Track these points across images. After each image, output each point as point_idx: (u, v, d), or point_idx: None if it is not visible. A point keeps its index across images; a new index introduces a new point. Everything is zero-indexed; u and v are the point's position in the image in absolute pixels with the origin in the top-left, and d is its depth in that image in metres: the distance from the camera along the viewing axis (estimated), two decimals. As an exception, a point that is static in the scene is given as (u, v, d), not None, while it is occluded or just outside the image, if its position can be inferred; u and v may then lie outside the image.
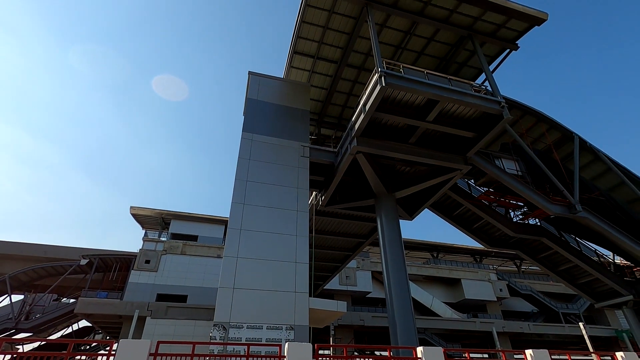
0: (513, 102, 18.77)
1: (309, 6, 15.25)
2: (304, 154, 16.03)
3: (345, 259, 25.69)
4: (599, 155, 19.83)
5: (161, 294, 28.35)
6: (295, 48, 17.31)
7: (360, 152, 14.74)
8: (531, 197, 17.20)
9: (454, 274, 40.27)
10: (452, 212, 21.12)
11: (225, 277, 11.93)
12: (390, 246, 15.38)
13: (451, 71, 18.39)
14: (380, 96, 12.85)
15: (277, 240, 13.27)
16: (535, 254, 21.51)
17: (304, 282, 12.66)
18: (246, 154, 15.12)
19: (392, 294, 14.51)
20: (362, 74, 18.67)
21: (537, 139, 20.86)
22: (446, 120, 14.51)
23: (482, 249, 44.42)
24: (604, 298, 20.74)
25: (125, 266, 30.33)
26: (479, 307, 40.48)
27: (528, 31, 16.36)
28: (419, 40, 17.20)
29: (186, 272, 30.08)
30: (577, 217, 17.35)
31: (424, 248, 45.05)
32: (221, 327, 10.90)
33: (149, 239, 31.23)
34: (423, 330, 32.29)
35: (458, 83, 13.93)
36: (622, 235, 17.93)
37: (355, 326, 31.23)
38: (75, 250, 33.51)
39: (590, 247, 21.22)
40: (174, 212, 35.13)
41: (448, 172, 16.02)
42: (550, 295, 43.99)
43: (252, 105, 16.88)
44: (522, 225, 19.90)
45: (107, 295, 27.23)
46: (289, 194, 14.61)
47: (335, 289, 33.90)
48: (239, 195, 13.87)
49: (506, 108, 13.99)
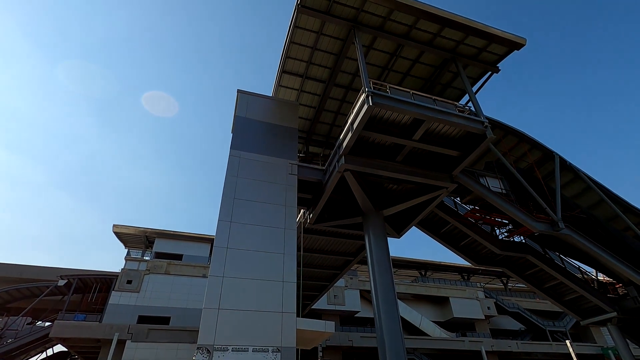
0: (496, 122, 19.34)
1: (298, 28, 15.62)
2: (292, 172, 16.04)
3: (333, 278, 25.41)
4: (579, 174, 20.46)
5: (143, 315, 27.33)
6: (284, 67, 17.59)
7: (348, 170, 14.84)
8: (516, 214, 17.52)
9: (442, 292, 40.18)
10: (439, 230, 21.28)
11: (210, 297, 11.61)
12: (379, 264, 15.34)
13: (436, 92, 18.91)
14: (367, 115, 13.07)
15: (264, 259, 13.06)
16: (522, 272, 21.73)
17: (291, 302, 12.41)
18: (234, 172, 15.03)
19: (380, 313, 14.36)
20: (349, 93, 19.03)
21: (519, 157, 21.44)
22: (432, 139, 14.81)
23: (470, 267, 44.65)
24: (589, 315, 20.96)
25: (106, 287, 29.27)
26: (467, 326, 40.30)
27: (508, 55, 17.06)
28: (404, 61, 17.73)
29: (170, 292, 29.19)
30: (560, 234, 17.70)
31: (412, 266, 45.01)
32: (205, 350, 10.53)
33: (132, 258, 30.35)
34: (412, 351, 31.84)
35: (443, 103, 14.32)
36: (603, 252, 18.31)
37: (344, 347, 30.60)
38: (53, 270, 32.21)
39: (574, 265, 21.60)
40: (158, 230, 34.36)
41: (435, 189, 16.24)
42: (537, 312, 44.20)
43: (241, 123, 16.93)
44: (508, 242, 20.17)
45: (86, 318, 26.11)
46: (276, 212, 14.50)
47: (323, 309, 33.34)
48: (226, 212, 13.70)
49: (489, 128, 14.39)
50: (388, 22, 15.57)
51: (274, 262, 13.18)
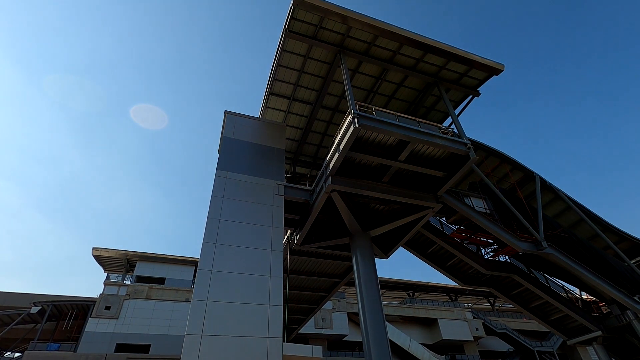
0: (478, 144, 19.89)
1: (285, 51, 15.98)
2: (279, 192, 15.98)
3: (320, 300, 24.94)
4: (558, 194, 21.04)
5: (121, 343, 26.08)
6: (272, 89, 17.84)
7: (335, 191, 14.88)
8: (500, 234, 17.76)
9: (431, 314, 39.83)
10: (426, 250, 21.33)
11: (193, 322, 11.19)
12: (366, 285, 15.19)
13: (420, 114, 19.43)
14: (353, 136, 13.27)
15: (249, 282, 12.76)
16: (508, 291, 21.83)
17: (277, 326, 12.07)
18: (220, 192, 14.88)
19: (369, 337, 14.10)
20: (336, 115, 19.35)
21: (502, 178, 21.96)
22: (417, 160, 15.09)
23: (457, 287, 44.61)
24: (574, 334, 21.05)
25: (82, 313, 27.94)
26: (456, 348, 39.82)
27: (488, 79, 17.79)
28: (389, 85, 18.25)
29: (150, 318, 28.03)
30: (544, 253, 17.97)
31: (399, 287, 44.68)
32: (187, 379, 10.03)
33: (111, 283, 29.21)
34: (401, 375, 31.12)
35: (427, 125, 14.69)
36: (586, 270, 18.62)
37: (331, 373, 29.72)
38: (26, 296, 30.60)
39: (558, 284, 21.84)
40: (140, 252, 33.33)
41: (420, 210, 16.39)
42: (525, 332, 44.13)
43: (228, 143, 16.91)
44: (493, 262, 20.33)
45: (59, 347, 24.70)
46: (263, 233, 14.31)
47: (310, 333, 32.51)
48: (211, 234, 13.44)
49: (472, 149, 14.78)
50: (373, 48, 16.11)
51: (259, 284, 12.89)
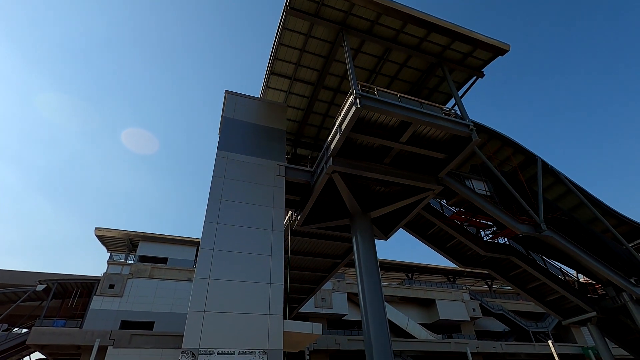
0: (481, 126, 19.72)
1: (286, 29, 15.64)
2: (280, 173, 15.97)
3: (320, 280, 25.34)
4: (560, 177, 21.02)
5: (125, 321, 26.66)
6: (273, 69, 17.56)
7: (336, 172, 14.87)
8: (500, 216, 17.85)
9: (429, 295, 40.52)
10: (426, 232, 21.50)
11: (195, 299, 11.41)
12: (366, 266, 15.38)
13: (423, 95, 19.19)
14: (355, 117, 13.15)
15: (251, 261, 12.93)
16: (506, 273, 22.12)
17: (278, 304, 12.30)
18: (221, 173, 14.87)
19: (368, 316, 14.37)
20: (338, 95, 19.12)
21: (503, 161, 21.89)
22: (419, 142, 15.00)
23: (456, 269, 45.21)
24: (570, 315, 21.45)
25: (87, 292, 28.46)
26: (453, 328, 40.71)
27: (493, 60, 17.45)
28: (392, 65, 17.93)
29: (154, 297, 28.56)
30: (543, 236, 18.10)
31: (399, 269, 45.26)
32: (190, 353, 10.32)
33: (115, 262, 29.62)
34: (399, 353, 31.97)
35: (429, 106, 14.53)
36: (583, 253, 18.81)
37: (331, 350, 30.50)
38: (31, 275, 31.18)
39: (555, 266, 22.10)
40: (142, 233, 33.66)
41: (421, 192, 16.42)
42: (521, 314, 45.00)
43: (228, 124, 16.79)
44: (492, 244, 20.52)
45: (65, 324, 25.28)
46: (264, 213, 14.40)
47: (310, 312, 33.18)
48: (212, 214, 13.52)
49: (474, 131, 14.67)
50: (376, 26, 15.75)
51: (260, 264, 13.06)
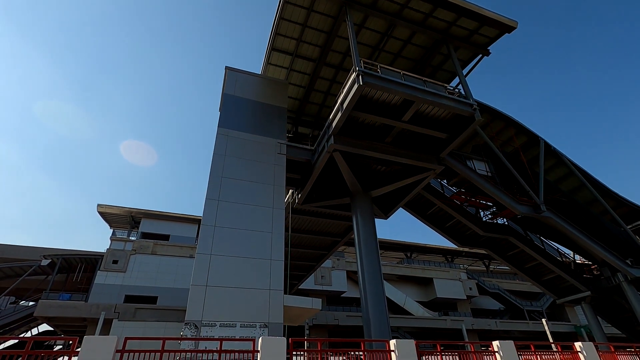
0: (484, 106, 19.47)
1: (288, 3, 15.20)
2: (281, 151, 15.92)
3: (320, 258, 25.72)
4: (562, 159, 20.93)
5: (129, 295, 27.26)
6: (274, 45, 17.19)
7: (337, 150, 14.81)
8: (500, 197, 17.90)
9: (427, 274, 41.19)
10: (426, 211, 21.63)
11: (197, 274, 11.63)
12: (366, 243, 15.56)
13: (426, 74, 18.83)
14: (357, 95, 12.98)
15: (252, 238, 13.09)
16: (503, 253, 22.40)
17: (278, 280, 12.54)
18: (221, 150, 14.83)
19: (366, 293, 14.65)
20: (340, 73, 18.79)
21: (506, 141, 21.74)
22: (421, 121, 14.85)
23: (454, 249, 45.76)
24: (564, 294, 21.87)
25: (91, 267, 28.96)
26: (449, 306, 41.61)
27: (499, 38, 17.02)
28: (396, 42, 17.52)
29: (157, 272, 29.08)
30: (542, 216, 18.21)
31: (398, 248, 45.82)
32: (193, 325, 10.61)
33: (118, 239, 30.01)
34: (396, 329, 32.80)
35: (433, 85, 14.30)
36: (582, 234, 18.97)
37: (329, 326, 31.30)
38: (35, 250, 31.64)
39: (553, 246, 22.35)
40: (144, 210, 33.91)
41: (422, 171, 16.40)
42: (516, 293, 45.86)
43: (229, 100, 16.60)
44: (491, 224, 20.68)
45: (71, 297, 25.88)
46: (265, 191, 14.45)
47: (310, 289, 33.84)
48: (214, 191, 13.58)
49: (478, 111, 14.49)
50: (380, 0, 15.29)
51: (261, 240, 13.22)
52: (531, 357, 8.83)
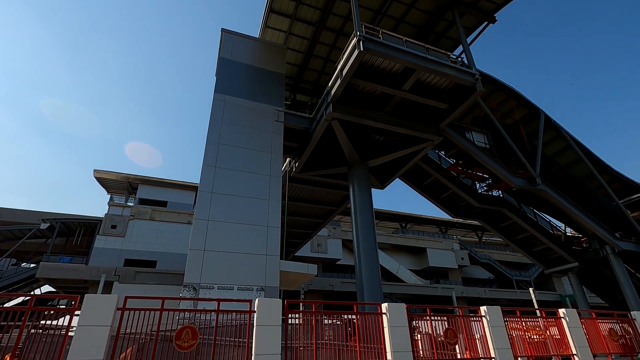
0: (487, 76, 19.09)
1: (288, -40, 14.43)
2: (279, 119, 15.72)
3: (317, 227, 26.12)
4: (561, 132, 20.85)
5: (129, 259, 27.83)
6: (272, 6, 16.50)
7: (335, 119, 14.63)
8: (497, 169, 17.97)
9: (420, 243, 42.14)
10: (422, 182, 21.76)
11: (195, 239, 11.82)
12: (362, 213, 15.75)
13: (429, 41, 18.28)
14: (357, 61, 12.63)
15: (249, 204, 13.20)
16: (496, 224, 22.81)
17: (275, 246, 12.79)
18: (218, 116, 14.61)
19: (361, 260, 15.00)
20: (340, 38, 18.18)
21: (506, 113, 21.53)
22: (421, 90, 14.59)
23: (448, 220, 46.54)
24: (553, 265, 22.54)
25: (90, 231, 29.33)
26: (441, 274, 42.93)
27: (507, 4, 16.39)
28: (399, 6, 16.85)
29: (155, 238, 29.52)
30: (536, 189, 18.39)
31: (393, 218, 46.52)
32: (191, 287, 10.92)
33: (115, 204, 30.19)
34: (389, 295, 33.96)
35: (435, 53, 13.91)
36: (574, 207, 19.27)
37: (324, 291, 32.34)
38: (34, 214, 31.87)
39: (545, 219, 22.77)
40: (141, 176, 33.90)
41: (420, 142, 16.32)
42: (506, 264, 47.24)
43: (225, 65, 16.15)
44: (486, 196, 20.91)
45: (71, 260, 26.41)
46: (262, 159, 14.41)
47: (306, 256, 34.63)
48: (211, 157, 13.52)
49: (480, 81, 14.22)
50: (385, -40, 14.53)
51: (258, 207, 13.35)
52: (517, 321, 9.21)
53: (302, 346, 6.97)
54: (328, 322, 8.19)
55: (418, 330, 8.17)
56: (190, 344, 5.87)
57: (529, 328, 9.34)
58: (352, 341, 7.53)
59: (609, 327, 10.18)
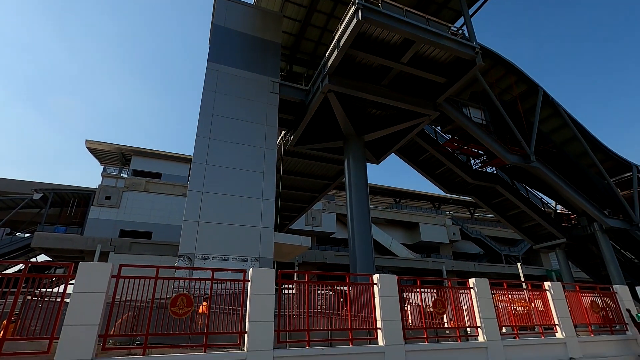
0: (487, 50, 18.71)
1: None
2: (274, 90, 15.39)
3: (311, 200, 26.28)
4: (558, 109, 20.75)
5: (124, 230, 27.98)
6: (268, -30, 15.76)
7: (332, 91, 14.37)
8: (492, 146, 17.98)
9: (413, 219, 42.78)
10: (417, 158, 21.78)
11: (190, 210, 11.85)
12: (356, 187, 15.81)
13: (430, 12, 17.70)
14: (356, 31, 12.25)
15: (243, 177, 13.16)
16: (489, 200, 23.12)
17: (269, 218, 12.88)
18: (212, 86, 14.26)
19: (354, 234, 15.21)
20: (338, 7, 17.54)
21: (504, 90, 21.30)
22: (420, 63, 14.28)
23: (442, 196, 47.03)
24: (542, 240, 23.10)
25: (84, 202, 29.26)
26: (432, 249, 43.91)
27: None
28: (400, -27, 16.14)
29: (150, 209, 29.58)
30: (530, 167, 18.52)
31: (387, 193, 46.90)
32: (186, 258, 11.06)
33: (109, 175, 30.01)
34: (381, 268, 34.78)
35: (436, 24, 13.51)
36: (566, 185, 19.51)
37: (318, 263, 33.04)
38: (26, 184, 31.57)
39: (537, 196, 23.09)
40: (135, 147, 33.48)
41: (417, 117, 16.17)
42: (497, 239, 48.33)
43: (219, 32, 15.58)
44: (480, 172, 21.05)
45: (66, 231, 26.49)
46: (256, 131, 14.22)
47: (300, 229, 35.03)
48: (204, 129, 13.31)
49: (480, 55, 13.92)
50: None
51: (253, 180, 13.32)
52: (503, 294, 9.51)
53: (295, 314, 7.16)
54: (321, 292, 8.39)
55: (408, 302, 8.41)
56: (185, 310, 5.99)
57: (514, 300, 9.65)
58: (344, 311, 7.75)
59: (591, 300, 10.55)
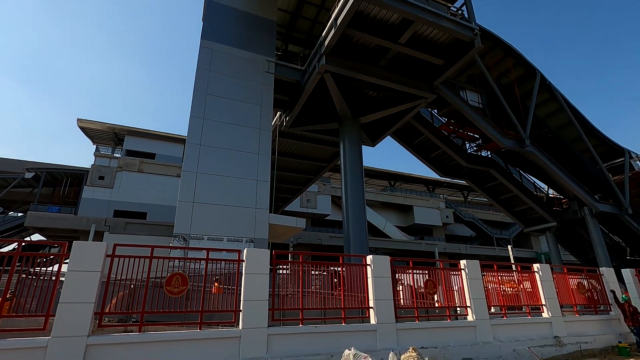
0: (486, 32, 18.43)
1: None
2: (269, 70, 15.12)
3: (306, 182, 26.31)
4: (555, 94, 20.68)
5: (118, 210, 27.90)
6: (263, -57, 15.19)
7: (328, 72, 14.14)
8: (487, 129, 17.98)
9: (408, 201, 43.16)
10: (413, 141, 21.76)
11: (184, 191, 11.81)
12: (351, 169, 15.82)
13: (430, -9, 17.28)
14: (353, 9, 11.96)
15: (238, 158, 13.08)
16: (482, 184, 23.32)
17: (264, 199, 12.90)
18: (206, 65, 13.96)
19: (349, 216, 15.32)
20: (336, -16, 17.04)
21: (503, 73, 21.11)
22: (418, 44, 14.06)
23: (436, 179, 47.32)
24: (533, 224, 23.48)
25: (77, 181, 29.00)
26: (426, 231, 44.52)
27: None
28: (400, -51, 15.64)
29: (145, 190, 29.44)
30: (525, 151, 18.61)
31: (382, 176, 47.05)
32: (181, 238, 11.10)
33: (102, 155, 29.68)
34: (374, 250, 35.29)
35: (435, 4, 13.23)
36: (559, 170, 19.69)
37: (313, 245, 33.39)
38: (18, 163, 31.15)
39: (530, 180, 23.31)
40: (128, 127, 32.96)
41: (414, 99, 16.05)
42: (489, 223, 49.06)
43: (212, 9, 15.13)
44: (475, 156, 21.13)
45: (60, 210, 26.36)
46: (251, 111, 14.05)
47: (296, 211, 35.21)
48: (198, 109, 13.12)
49: (479, 36, 13.72)
50: None
51: (248, 161, 13.25)
52: (493, 275, 9.73)
53: (289, 294, 7.28)
54: (315, 272, 8.52)
55: (400, 282, 8.58)
56: (181, 289, 6.06)
57: (504, 281, 9.89)
58: (337, 291, 7.89)
59: (577, 282, 10.85)
